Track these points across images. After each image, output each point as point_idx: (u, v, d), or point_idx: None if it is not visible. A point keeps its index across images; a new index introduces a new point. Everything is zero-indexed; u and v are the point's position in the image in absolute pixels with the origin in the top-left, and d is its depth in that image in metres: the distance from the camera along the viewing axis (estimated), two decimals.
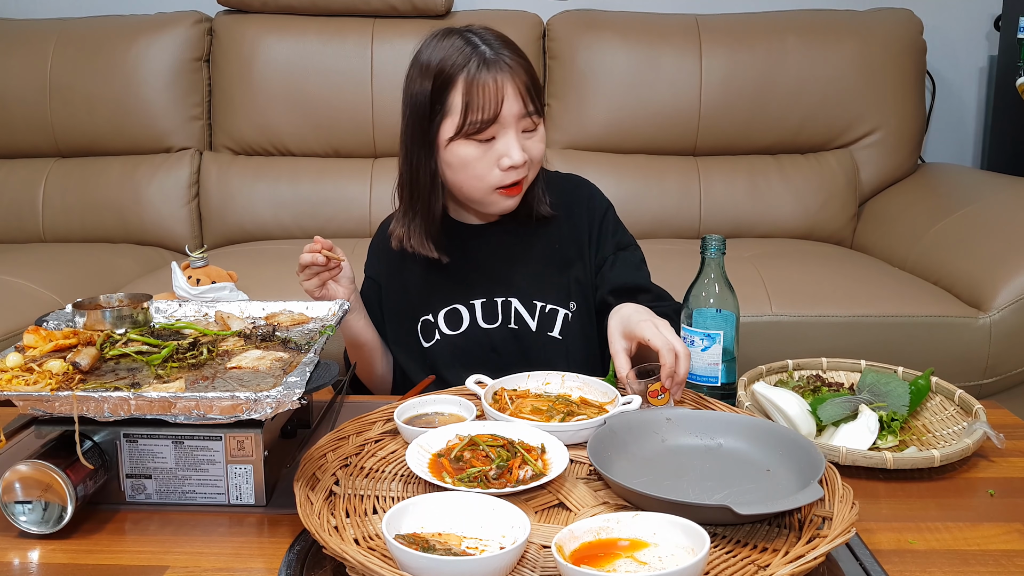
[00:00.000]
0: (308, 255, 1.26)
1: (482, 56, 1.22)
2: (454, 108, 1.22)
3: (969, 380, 1.81)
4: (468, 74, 1.21)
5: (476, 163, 1.24)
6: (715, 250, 1.23)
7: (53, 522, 0.90)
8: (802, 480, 0.88)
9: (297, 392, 0.88)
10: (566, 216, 1.40)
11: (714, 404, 1.13)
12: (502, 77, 1.21)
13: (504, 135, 1.23)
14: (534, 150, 1.27)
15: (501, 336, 1.36)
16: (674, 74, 2.47)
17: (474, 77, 1.21)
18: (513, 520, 0.81)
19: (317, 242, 1.26)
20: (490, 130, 1.22)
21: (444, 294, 1.38)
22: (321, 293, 1.30)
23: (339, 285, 1.31)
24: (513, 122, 1.23)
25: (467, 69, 1.21)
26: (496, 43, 1.25)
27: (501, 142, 1.23)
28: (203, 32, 2.57)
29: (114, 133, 2.55)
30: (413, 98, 1.26)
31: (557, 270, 1.38)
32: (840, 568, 0.83)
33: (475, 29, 1.28)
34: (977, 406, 1.13)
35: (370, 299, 1.43)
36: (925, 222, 2.19)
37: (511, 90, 1.22)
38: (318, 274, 1.28)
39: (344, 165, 2.55)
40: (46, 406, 0.89)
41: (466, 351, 1.37)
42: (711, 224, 2.45)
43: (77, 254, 2.34)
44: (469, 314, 1.37)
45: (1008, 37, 2.54)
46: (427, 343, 1.39)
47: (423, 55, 1.27)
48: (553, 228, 1.39)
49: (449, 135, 1.24)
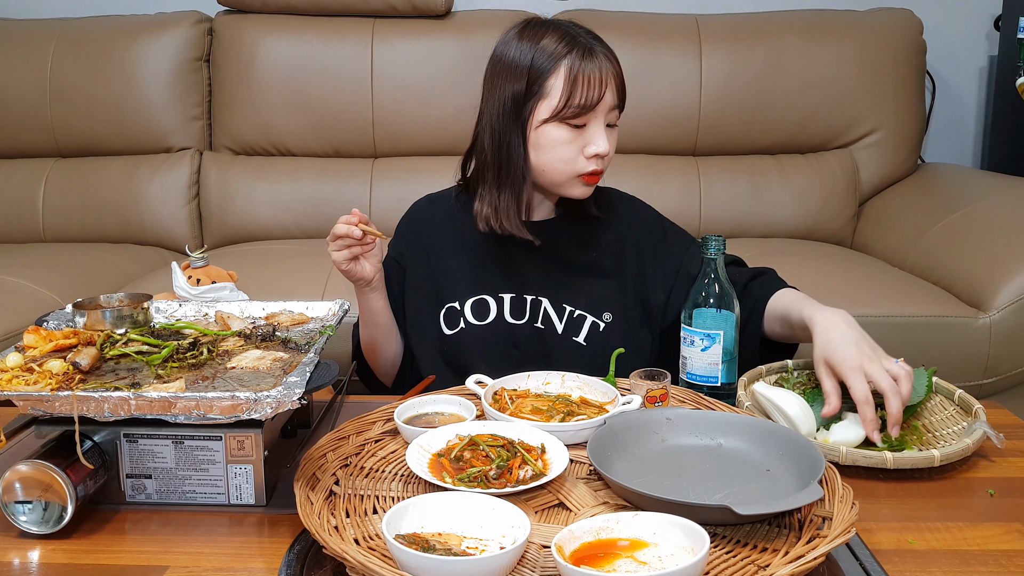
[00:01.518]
0: (344, 226, 1.21)
1: (584, 46, 1.27)
2: (553, 91, 1.26)
3: (969, 380, 1.81)
4: (572, 62, 1.26)
5: (565, 147, 1.28)
6: (715, 250, 1.23)
7: (53, 522, 0.90)
8: (802, 480, 0.88)
9: (297, 392, 0.88)
10: (610, 228, 1.41)
11: (714, 404, 1.13)
12: (605, 68, 1.26)
13: (595, 124, 1.28)
14: (613, 145, 1.32)
15: (525, 333, 1.36)
16: (674, 74, 2.47)
17: (580, 64, 1.25)
18: (513, 520, 0.81)
19: (355, 214, 1.22)
20: (585, 116, 1.27)
21: (474, 283, 1.38)
22: (348, 267, 1.25)
23: (368, 262, 1.27)
24: (605, 112, 1.28)
25: (570, 56, 1.26)
26: (592, 38, 1.30)
27: (591, 130, 1.28)
28: (203, 32, 2.57)
29: (114, 133, 2.55)
30: (505, 84, 1.29)
31: (593, 278, 1.38)
32: (840, 568, 0.84)
33: (564, 22, 1.33)
34: (977, 406, 1.13)
35: (390, 280, 1.40)
36: (925, 222, 2.19)
37: (612, 82, 1.27)
38: (350, 247, 1.24)
39: (344, 165, 2.55)
40: (46, 406, 0.89)
41: (488, 343, 1.36)
42: (711, 224, 2.45)
43: (77, 254, 2.34)
44: (497, 306, 1.37)
45: (1008, 37, 2.54)
46: (450, 331, 1.37)
47: (516, 44, 1.30)
48: (596, 236, 1.40)
49: (544, 116, 1.27)
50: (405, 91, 2.50)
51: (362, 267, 1.27)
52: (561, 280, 1.38)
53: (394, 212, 1.57)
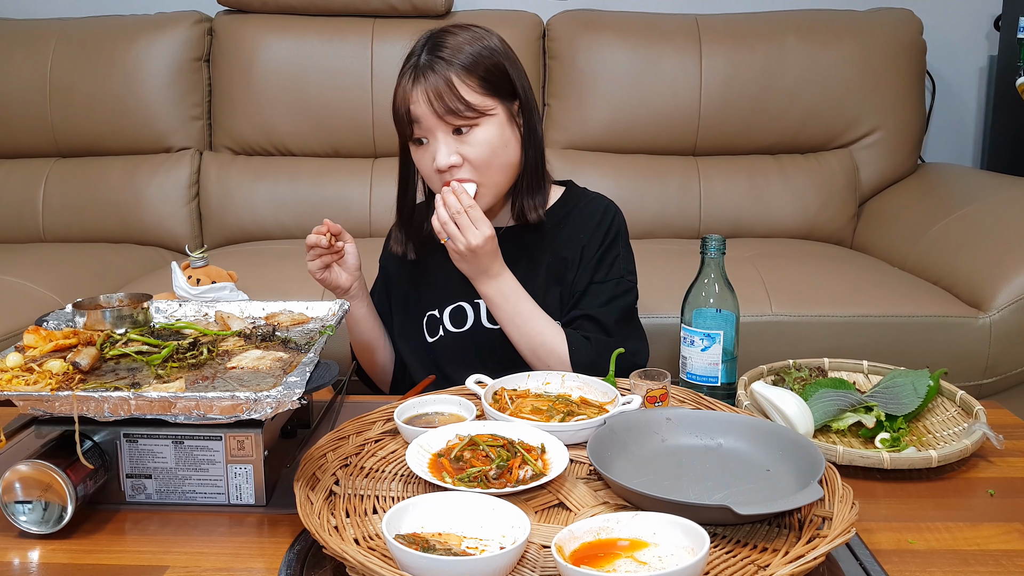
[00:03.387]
0: (313, 236, 1.29)
1: (415, 65, 1.27)
2: None
3: (969, 380, 1.81)
4: (400, 81, 1.28)
5: (422, 165, 1.31)
6: (715, 250, 1.23)
7: (53, 522, 0.90)
8: (802, 480, 0.88)
9: (297, 392, 0.88)
10: (568, 231, 1.39)
11: (714, 404, 1.13)
12: (418, 85, 1.25)
13: (432, 139, 1.27)
14: (469, 152, 1.26)
15: (503, 337, 1.36)
16: (674, 74, 2.47)
17: (401, 84, 1.27)
18: (513, 520, 0.81)
19: (324, 224, 1.29)
20: (420, 133, 1.27)
21: (452, 291, 1.39)
22: (322, 275, 1.31)
23: (342, 270, 1.33)
24: (436, 126, 1.25)
25: (402, 77, 1.28)
26: (439, 47, 1.26)
27: (430, 145, 1.27)
28: (203, 32, 2.57)
29: (114, 133, 2.54)
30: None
31: (556, 282, 1.38)
32: (840, 568, 0.84)
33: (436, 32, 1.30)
34: (977, 407, 1.13)
35: (379, 289, 1.44)
36: (925, 222, 2.19)
37: (423, 97, 1.24)
38: (320, 256, 1.30)
39: (344, 165, 2.54)
40: (46, 406, 0.89)
41: (468, 349, 1.37)
42: (711, 224, 2.45)
43: (77, 254, 2.33)
44: (474, 313, 1.38)
45: (1008, 37, 2.54)
46: (431, 338, 1.40)
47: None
48: (558, 241, 1.39)
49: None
50: None
51: (336, 275, 1.32)
52: (528, 285, 1.34)
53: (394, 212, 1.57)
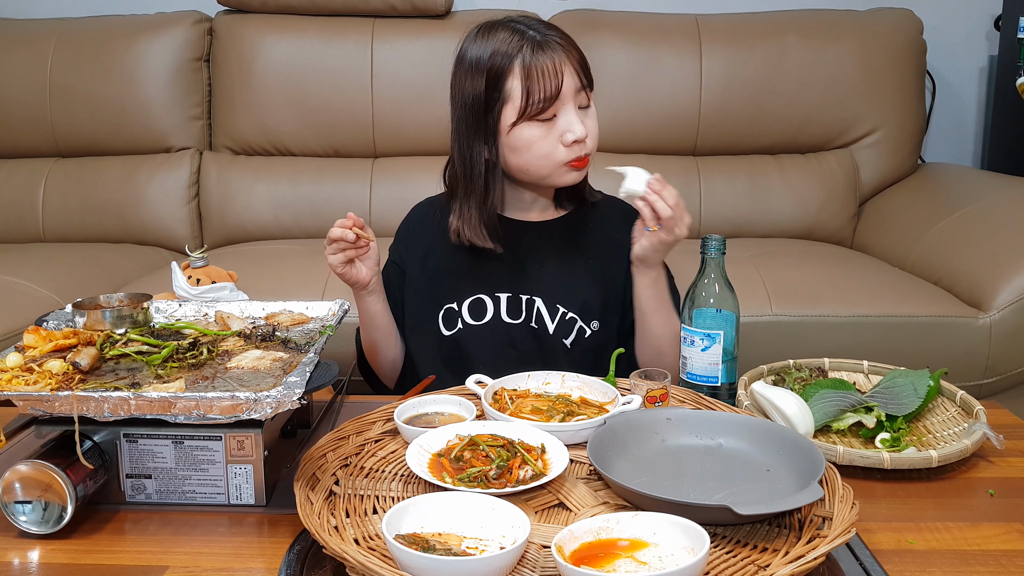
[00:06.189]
0: (338, 230, 1.24)
1: (533, 40, 1.27)
2: (514, 94, 1.27)
3: (969, 380, 1.81)
4: (524, 59, 1.26)
5: (541, 142, 1.28)
6: (715, 250, 1.23)
7: (53, 522, 0.90)
8: (802, 480, 0.88)
9: (297, 392, 0.88)
10: (605, 231, 1.40)
11: (714, 404, 1.13)
12: (557, 55, 1.26)
13: (564, 112, 1.28)
14: (592, 125, 1.31)
15: (522, 333, 1.36)
16: (674, 74, 2.47)
17: (531, 60, 1.25)
18: (513, 520, 0.81)
19: (349, 218, 1.24)
20: (552, 108, 1.26)
21: (471, 284, 1.38)
22: (343, 270, 1.27)
23: (364, 265, 1.29)
24: (571, 97, 1.27)
25: (522, 55, 1.26)
26: (541, 26, 1.30)
27: (562, 119, 1.28)
28: (203, 32, 2.57)
29: (114, 133, 2.54)
30: (466, 94, 1.30)
31: (587, 282, 1.38)
32: (840, 568, 0.84)
33: (515, 18, 1.32)
34: (977, 407, 1.13)
35: (390, 284, 1.42)
36: (925, 222, 2.19)
37: (568, 67, 1.26)
38: (344, 250, 1.26)
39: (344, 165, 2.54)
40: (46, 406, 0.89)
41: (486, 343, 1.36)
42: (711, 224, 2.45)
43: (77, 254, 2.33)
44: (494, 306, 1.37)
45: (1008, 37, 2.54)
46: (448, 331, 1.38)
47: (471, 52, 1.30)
48: (592, 240, 1.40)
49: (511, 120, 1.28)
50: (405, 91, 2.49)
51: (357, 270, 1.28)
52: (556, 281, 1.37)
53: (394, 212, 1.57)
